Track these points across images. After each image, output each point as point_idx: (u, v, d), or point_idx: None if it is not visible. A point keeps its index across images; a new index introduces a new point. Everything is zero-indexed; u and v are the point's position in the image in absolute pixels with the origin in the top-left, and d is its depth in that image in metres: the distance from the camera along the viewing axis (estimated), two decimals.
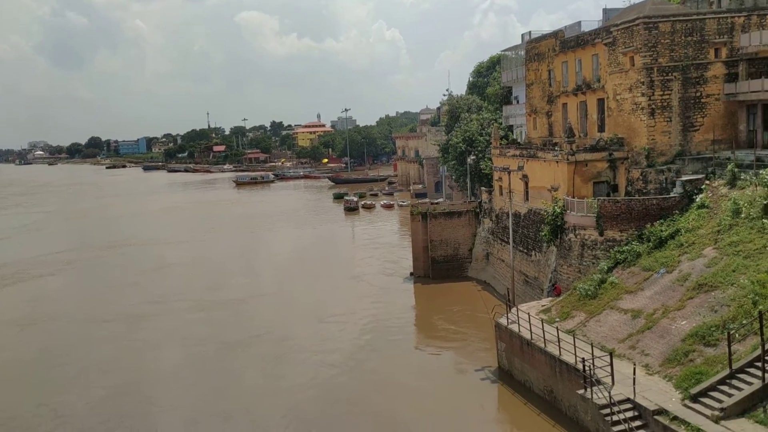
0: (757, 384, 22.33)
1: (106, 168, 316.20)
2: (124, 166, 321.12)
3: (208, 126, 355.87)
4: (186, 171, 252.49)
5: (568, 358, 28.60)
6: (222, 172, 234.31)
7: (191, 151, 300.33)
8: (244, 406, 33.66)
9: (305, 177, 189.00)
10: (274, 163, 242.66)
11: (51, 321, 51.44)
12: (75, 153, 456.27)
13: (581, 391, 26.04)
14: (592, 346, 27.62)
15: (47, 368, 40.68)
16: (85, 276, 69.86)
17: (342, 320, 47.96)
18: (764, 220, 29.61)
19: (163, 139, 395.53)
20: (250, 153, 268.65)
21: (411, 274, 59.55)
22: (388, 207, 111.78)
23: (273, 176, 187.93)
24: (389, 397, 33.89)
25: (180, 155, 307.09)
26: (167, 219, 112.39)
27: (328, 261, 69.74)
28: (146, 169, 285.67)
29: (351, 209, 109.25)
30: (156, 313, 52.23)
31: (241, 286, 59.96)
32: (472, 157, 62.72)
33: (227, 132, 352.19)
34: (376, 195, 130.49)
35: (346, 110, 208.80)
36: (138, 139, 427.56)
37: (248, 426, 31.80)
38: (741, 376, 23.22)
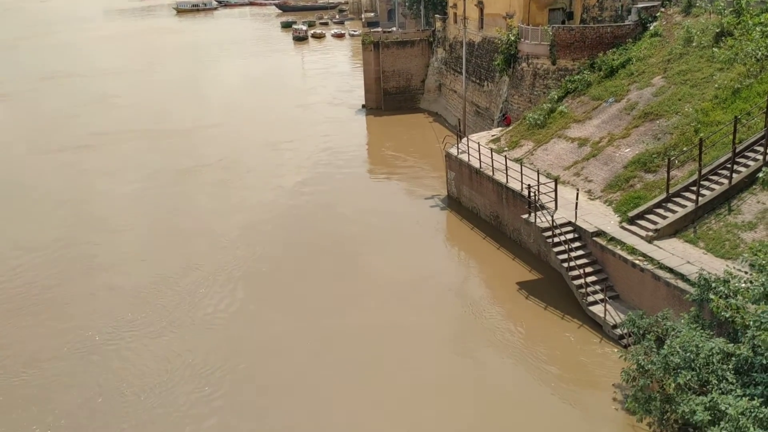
0: (690, 207, 23.53)
1: None
2: None
3: None
4: None
5: (515, 185, 29.46)
6: None
7: None
8: (201, 226, 34.52)
9: (251, 4, 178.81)
10: None
11: None
12: None
13: (525, 216, 27.09)
14: (538, 174, 28.38)
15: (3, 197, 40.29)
16: (23, 109, 66.85)
17: (294, 148, 48.24)
18: (714, 49, 29.67)
19: None
20: None
21: (363, 106, 58.94)
22: (339, 36, 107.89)
23: (216, 3, 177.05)
24: (340, 219, 34.87)
25: None
26: (106, 49, 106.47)
27: (277, 93, 68.13)
28: None
29: (300, 39, 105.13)
30: (103, 144, 51.39)
31: (188, 117, 58.68)
32: None
33: None
34: (326, 24, 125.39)
35: None
36: None
37: (208, 242, 32.61)
38: (676, 200, 24.37)
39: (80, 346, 24.19)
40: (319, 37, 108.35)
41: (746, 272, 17.64)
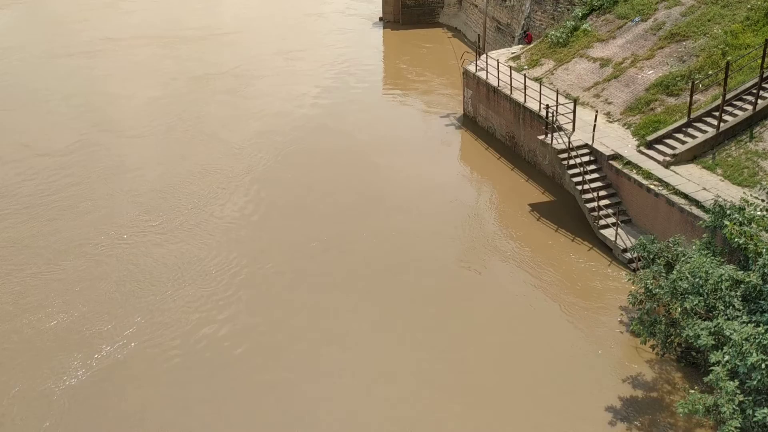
0: (711, 132, 23.03)
1: None
2: None
3: None
4: None
5: (533, 106, 28.87)
6: None
7: None
8: (216, 133, 34.85)
9: None
10: None
11: None
12: None
13: (542, 137, 26.68)
14: (557, 94, 27.73)
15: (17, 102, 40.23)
16: (30, 13, 65.54)
17: (308, 59, 47.58)
18: None
19: None
20: None
21: (380, 18, 57.29)
22: None
23: None
24: (353, 132, 34.69)
25: None
26: None
27: (292, 4, 66.28)
28: None
29: None
30: (115, 49, 50.81)
31: (200, 25, 57.54)
32: None
33: None
34: None
35: None
36: None
37: (222, 148, 33.08)
38: (697, 124, 23.83)
39: (98, 244, 24.88)
40: None
41: (763, 200, 17.42)
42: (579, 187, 24.48)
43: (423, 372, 18.47)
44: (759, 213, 16.84)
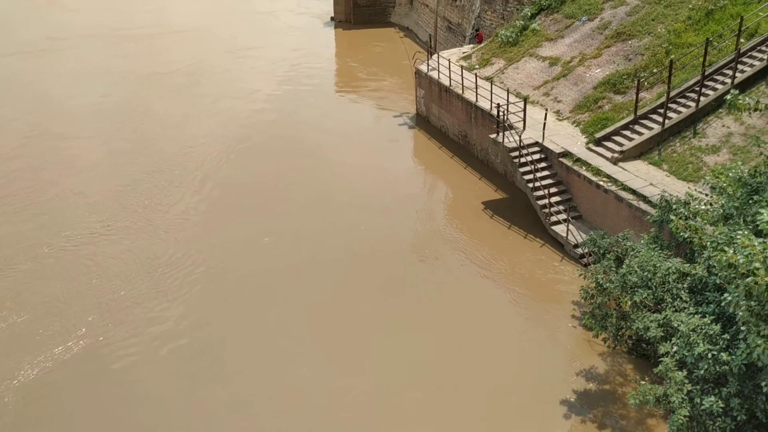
0: (656, 129, 23.59)
1: None
2: None
3: None
4: None
5: (484, 104, 29.13)
6: None
7: None
8: (166, 132, 34.44)
9: None
10: None
11: None
12: None
13: (494, 136, 26.93)
14: (507, 93, 28.02)
15: None
16: None
17: (258, 57, 47.35)
18: None
19: None
20: None
21: (332, 18, 57.11)
22: None
23: None
24: (305, 131, 34.54)
25: None
26: None
27: (242, 2, 65.54)
28: None
29: None
30: (60, 48, 49.56)
31: (148, 23, 56.65)
32: None
33: None
34: None
35: None
36: None
37: (173, 146, 32.75)
38: (644, 122, 24.39)
39: (49, 246, 24.37)
40: None
41: (707, 195, 17.88)
42: (530, 185, 24.79)
43: (374, 362, 18.55)
44: (703, 207, 17.29)
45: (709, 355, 13.11)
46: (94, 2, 64.82)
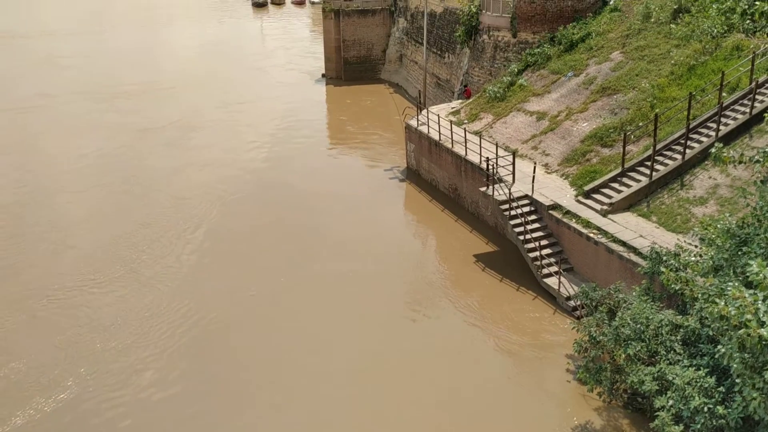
0: (644, 181, 23.86)
1: None
2: None
3: None
4: None
5: (474, 158, 29.46)
6: None
7: None
8: (157, 186, 34.79)
9: None
10: None
11: None
12: None
13: (484, 189, 27.15)
14: (496, 147, 28.39)
15: None
16: None
17: (250, 113, 48.03)
18: (672, 25, 29.93)
19: None
20: None
21: (323, 75, 58.16)
22: (299, 4, 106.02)
23: None
24: (296, 185, 34.83)
25: None
26: (52, 9, 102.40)
27: (235, 58, 66.80)
28: None
29: (259, 5, 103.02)
30: (55, 105, 50.31)
31: (141, 80, 57.59)
32: None
33: None
34: None
35: None
36: None
37: (164, 201, 32.88)
38: (631, 174, 24.68)
39: (40, 298, 24.39)
40: (278, 3, 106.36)
41: (696, 246, 17.98)
42: (521, 237, 24.87)
43: (363, 412, 18.30)
44: (693, 258, 17.35)
45: (705, 409, 12.96)
46: (87, 60, 65.89)
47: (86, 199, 33.43)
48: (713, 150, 15.91)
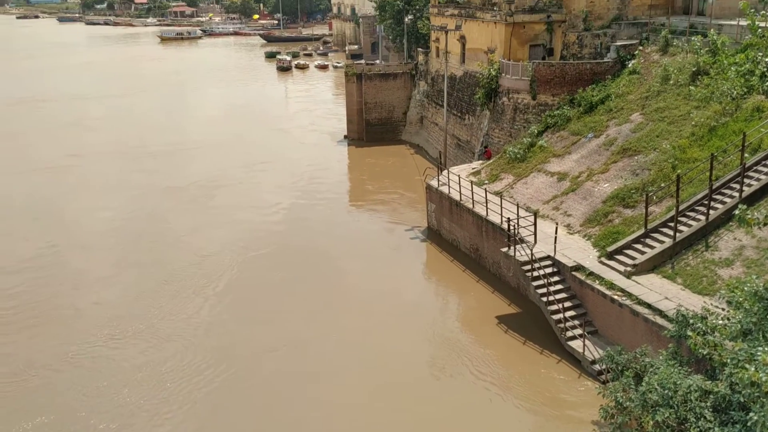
0: (668, 242, 23.62)
1: (17, 18, 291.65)
2: (36, 17, 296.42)
3: None
4: (106, 24, 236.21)
5: (495, 219, 29.45)
6: (145, 26, 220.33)
7: (111, 2, 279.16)
8: (181, 243, 35.33)
9: (235, 34, 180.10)
10: (201, 18, 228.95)
11: None
12: None
13: (505, 249, 27.03)
14: (517, 207, 28.41)
15: None
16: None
17: (274, 173, 48.78)
18: (691, 87, 30.16)
19: None
20: (175, 6, 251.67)
21: (345, 136, 59.08)
22: (323, 68, 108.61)
23: (200, 32, 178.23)
24: (318, 245, 34.93)
25: (98, 6, 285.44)
26: (87, 74, 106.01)
27: (260, 120, 68.14)
28: (62, 20, 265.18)
29: (284, 69, 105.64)
30: (83, 165, 51.66)
31: (168, 140, 59.11)
32: (410, 17, 60.76)
33: None
34: (310, 55, 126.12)
35: None
36: None
37: (187, 258, 33.36)
38: (654, 235, 24.47)
39: (67, 356, 24.75)
40: (302, 67, 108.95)
41: (723, 309, 17.64)
42: (544, 299, 24.58)
43: None
44: (721, 322, 17.01)
45: None
46: (113, 122, 67.76)
47: (110, 256, 33.95)
48: (737, 212, 15.81)
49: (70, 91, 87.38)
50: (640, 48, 35.54)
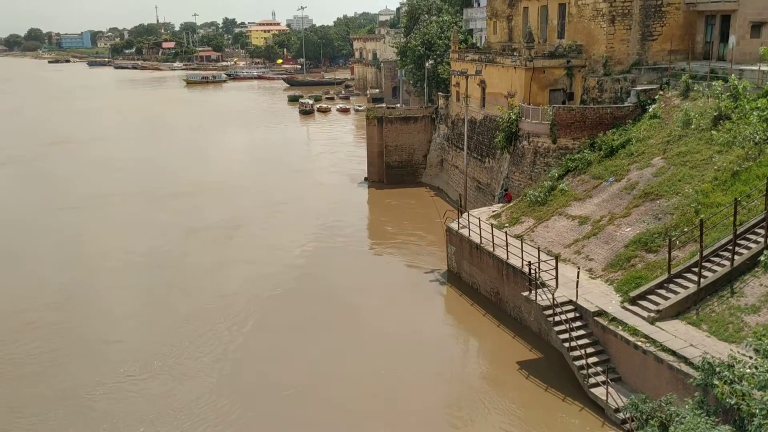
0: (692, 288, 23.26)
1: (49, 62, 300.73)
2: (67, 61, 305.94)
3: (157, 21, 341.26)
4: (134, 68, 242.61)
5: (515, 262, 29.27)
6: (172, 70, 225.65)
7: (139, 47, 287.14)
8: (202, 283, 35.66)
9: (259, 78, 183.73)
10: (226, 63, 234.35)
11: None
12: (14, 45, 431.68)
13: (526, 293, 26.78)
14: (538, 251, 28.23)
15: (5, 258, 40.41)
16: (30, 170, 67.69)
17: (295, 215, 49.15)
18: (713, 132, 30.05)
19: (109, 34, 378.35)
20: (201, 51, 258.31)
21: (365, 178, 59.47)
22: (344, 111, 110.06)
23: (225, 76, 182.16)
24: (338, 287, 34.94)
25: (127, 51, 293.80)
26: (114, 117, 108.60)
27: (282, 162, 69.00)
28: (92, 64, 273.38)
29: (306, 112, 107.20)
30: (108, 204, 52.69)
31: (192, 181, 60.02)
32: (431, 62, 61.58)
33: (177, 28, 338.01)
34: (332, 98, 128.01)
35: (302, 8, 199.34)
36: (82, 33, 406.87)
37: (208, 298, 33.59)
38: (678, 280, 24.12)
39: (89, 393, 25.03)
40: (324, 111, 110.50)
41: (751, 357, 17.25)
42: (566, 344, 24.20)
43: None
44: (748, 370, 16.62)
45: None
46: (138, 164, 69.02)
47: (133, 294, 34.35)
48: (763, 257, 15.57)
49: (99, 134, 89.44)
50: (661, 93, 35.61)
